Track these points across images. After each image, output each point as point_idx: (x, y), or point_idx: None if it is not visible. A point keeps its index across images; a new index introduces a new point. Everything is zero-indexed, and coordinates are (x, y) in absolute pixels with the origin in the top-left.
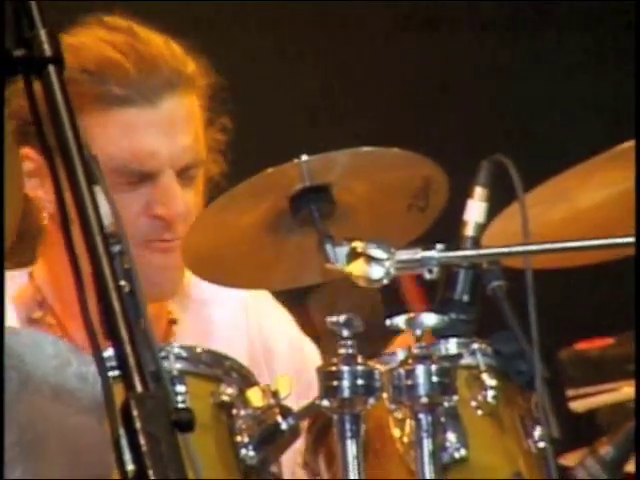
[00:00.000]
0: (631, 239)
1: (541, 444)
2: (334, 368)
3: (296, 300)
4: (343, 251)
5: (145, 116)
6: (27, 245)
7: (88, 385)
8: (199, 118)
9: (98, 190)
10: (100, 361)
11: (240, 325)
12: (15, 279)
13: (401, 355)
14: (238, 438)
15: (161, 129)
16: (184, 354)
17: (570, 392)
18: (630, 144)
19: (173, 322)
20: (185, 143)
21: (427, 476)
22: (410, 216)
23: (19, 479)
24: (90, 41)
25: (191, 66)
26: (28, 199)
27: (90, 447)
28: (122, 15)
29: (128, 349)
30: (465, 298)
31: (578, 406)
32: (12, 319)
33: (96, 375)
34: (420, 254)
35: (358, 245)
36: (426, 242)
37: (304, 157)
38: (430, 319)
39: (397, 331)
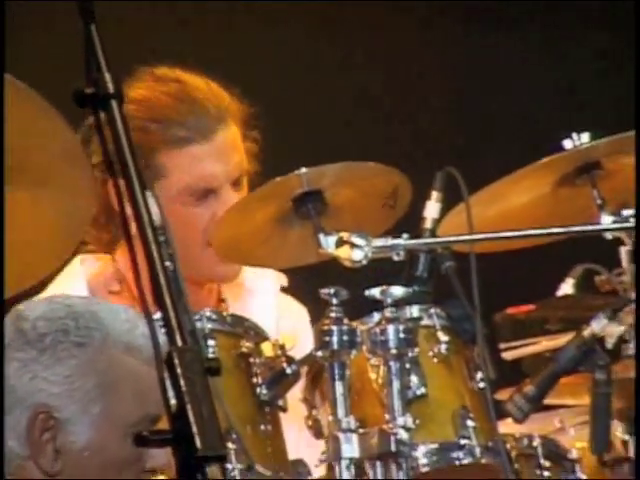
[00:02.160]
0: (547, 230)
1: (481, 384)
2: (326, 327)
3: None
4: (332, 239)
5: (205, 149)
6: (109, 234)
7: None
8: (239, 137)
9: (149, 194)
10: (150, 322)
11: (271, 313)
12: (86, 263)
13: (376, 317)
14: (254, 380)
15: (218, 156)
16: (213, 317)
17: (502, 345)
18: (547, 159)
19: (222, 301)
20: (235, 161)
21: (396, 408)
22: (383, 213)
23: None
24: (150, 94)
25: (227, 99)
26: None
27: (153, 389)
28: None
29: (171, 313)
30: (424, 275)
31: (508, 356)
32: (83, 292)
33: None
34: (391, 241)
35: (344, 235)
36: (395, 232)
37: (303, 169)
38: (398, 291)
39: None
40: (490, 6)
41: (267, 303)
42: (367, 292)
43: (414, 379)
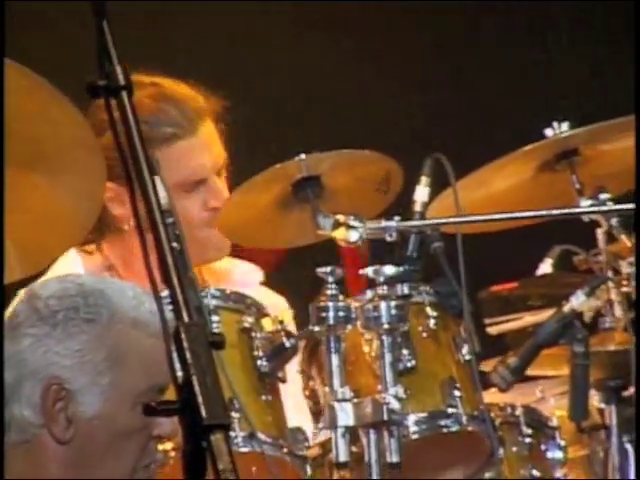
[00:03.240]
0: (529, 213)
1: (468, 357)
2: (322, 304)
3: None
4: (329, 221)
5: (192, 142)
6: (96, 233)
7: (157, 318)
8: (215, 131)
9: (157, 179)
10: (158, 299)
11: None
12: (80, 254)
13: (369, 295)
14: (255, 353)
15: (203, 149)
16: (217, 294)
17: (487, 320)
18: (529, 147)
19: None
20: (217, 152)
21: (388, 379)
22: (376, 197)
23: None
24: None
25: (200, 97)
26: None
27: (159, 361)
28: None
29: (178, 291)
30: (414, 254)
31: (493, 330)
32: (81, 271)
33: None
34: (383, 223)
35: (340, 217)
36: (387, 215)
37: (302, 155)
38: (390, 269)
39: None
40: None
41: (250, 294)
42: (361, 271)
43: (405, 352)
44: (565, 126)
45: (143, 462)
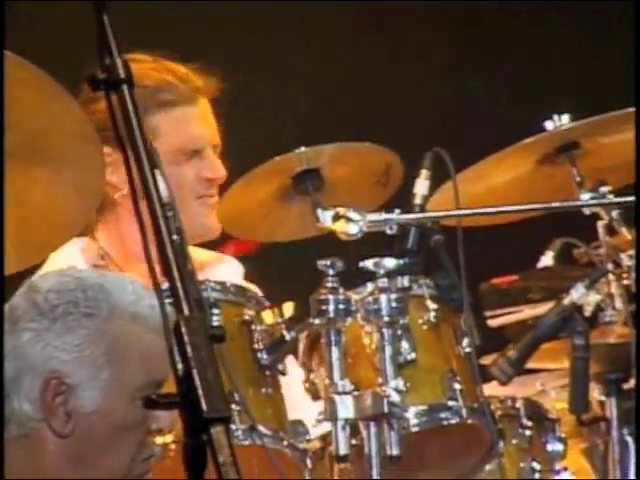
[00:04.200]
0: (529, 206)
1: (468, 349)
2: (323, 297)
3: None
4: (329, 214)
5: (191, 111)
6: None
7: (156, 312)
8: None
9: (158, 173)
10: (159, 292)
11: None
12: (76, 242)
13: (369, 287)
14: (256, 346)
15: (202, 119)
16: (217, 287)
17: (487, 313)
18: (529, 140)
19: None
20: (215, 128)
21: (388, 372)
22: (376, 190)
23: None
24: (136, 69)
25: (200, 78)
26: None
27: (158, 355)
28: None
29: (178, 284)
30: (415, 247)
31: (493, 323)
32: (83, 266)
33: None
34: (384, 216)
35: (340, 210)
36: (388, 208)
37: (302, 148)
38: (390, 262)
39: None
40: None
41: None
42: (361, 264)
43: (405, 345)
44: (565, 119)
45: (141, 455)
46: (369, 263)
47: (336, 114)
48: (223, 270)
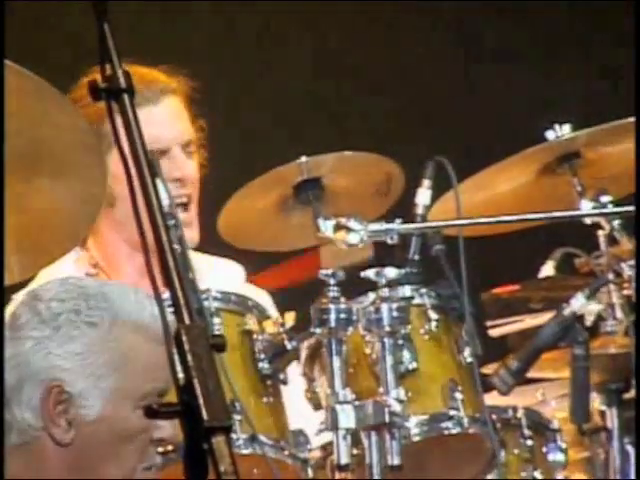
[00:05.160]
0: (530, 216)
1: (469, 359)
2: (324, 306)
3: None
4: (330, 224)
5: (152, 111)
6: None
7: (158, 322)
8: (185, 110)
9: (158, 181)
10: (159, 301)
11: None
12: (70, 253)
13: (371, 297)
14: (257, 355)
15: (163, 119)
16: (219, 296)
17: (488, 323)
18: (531, 150)
19: None
20: (181, 127)
21: (389, 381)
22: (377, 199)
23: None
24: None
25: (174, 81)
26: None
27: (159, 364)
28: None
29: (179, 293)
30: (416, 257)
31: (494, 333)
32: (73, 272)
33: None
34: (385, 226)
35: (341, 219)
36: (389, 218)
37: (303, 158)
38: (392, 272)
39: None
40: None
41: (237, 289)
42: (362, 273)
43: (406, 354)
44: (566, 129)
45: (142, 465)
46: (370, 273)
47: (336, 123)
48: (222, 275)
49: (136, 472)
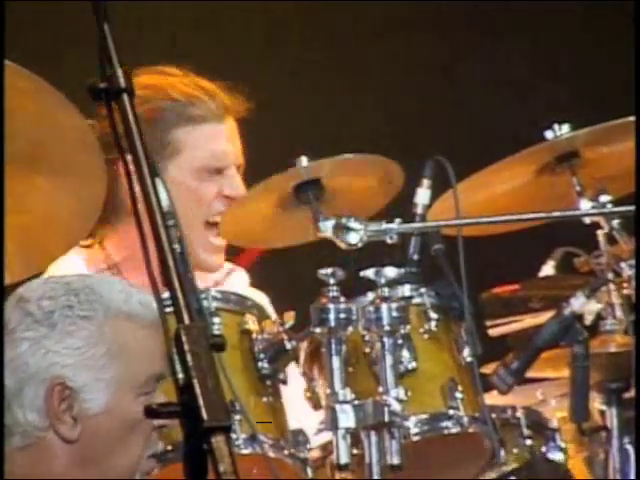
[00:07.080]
0: (530, 215)
1: (469, 359)
2: (324, 306)
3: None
4: (330, 223)
5: (218, 128)
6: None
7: (147, 308)
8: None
9: (158, 181)
10: (159, 300)
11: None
12: (81, 252)
13: (370, 297)
14: (257, 355)
15: (228, 137)
16: (218, 296)
17: (488, 322)
18: (530, 149)
19: None
20: (240, 148)
21: (389, 381)
22: (378, 198)
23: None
24: (164, 81)
25: (235, 100)
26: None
27: (155, 349)
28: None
29: (179, 293)
30: (415, 257)
31: (494, 332)
32: (84, 271)
33: (151, 300)
34: (384, 225)
35: (340, 219)
36: (388, 217)
37: (304, 162)
38: (391, 271)
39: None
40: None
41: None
42: (362, 273)
43: (406, 354)
44: (565, 128)
45: (147, 453)
46: (370, 272)
47: (339, 123)
48: (234, 282)
49: (142, 460)
